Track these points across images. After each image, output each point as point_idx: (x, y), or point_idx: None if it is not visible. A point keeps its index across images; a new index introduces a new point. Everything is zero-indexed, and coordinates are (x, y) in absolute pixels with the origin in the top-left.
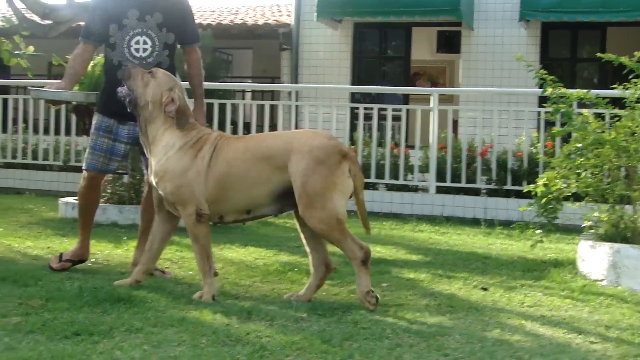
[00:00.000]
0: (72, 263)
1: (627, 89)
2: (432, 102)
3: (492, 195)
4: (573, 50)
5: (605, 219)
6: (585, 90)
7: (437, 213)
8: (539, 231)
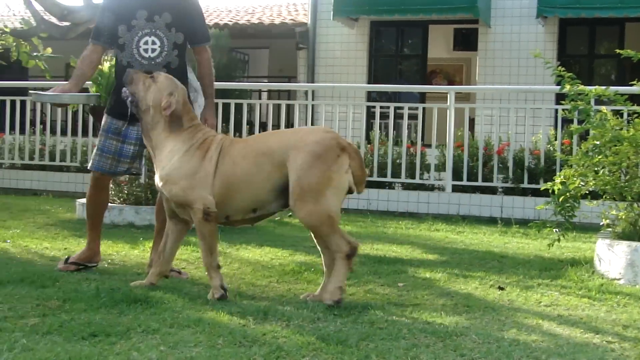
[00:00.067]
0: (78, 265)
1: None
2: (449, 100)
3: (509, 193)
4: (591, 46)
5: (623, 217)
6: (604, 87)
7: (454, 212)
8: (556, 230)
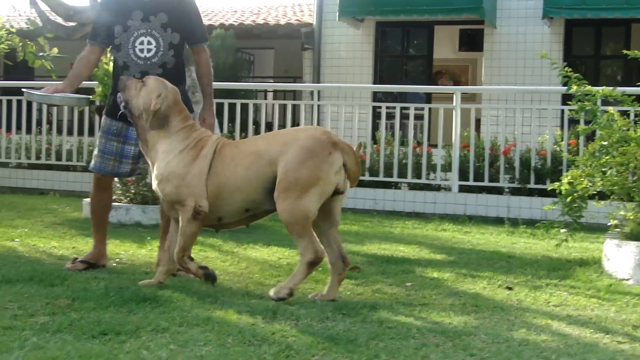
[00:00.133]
0: (86, 264)
1: None
2: (455, 101)
3: (515, 194)
4: (597, 47)
5: (631, 218)
6: (611, 87)
7: (460, 212)
8: (564, 230)
